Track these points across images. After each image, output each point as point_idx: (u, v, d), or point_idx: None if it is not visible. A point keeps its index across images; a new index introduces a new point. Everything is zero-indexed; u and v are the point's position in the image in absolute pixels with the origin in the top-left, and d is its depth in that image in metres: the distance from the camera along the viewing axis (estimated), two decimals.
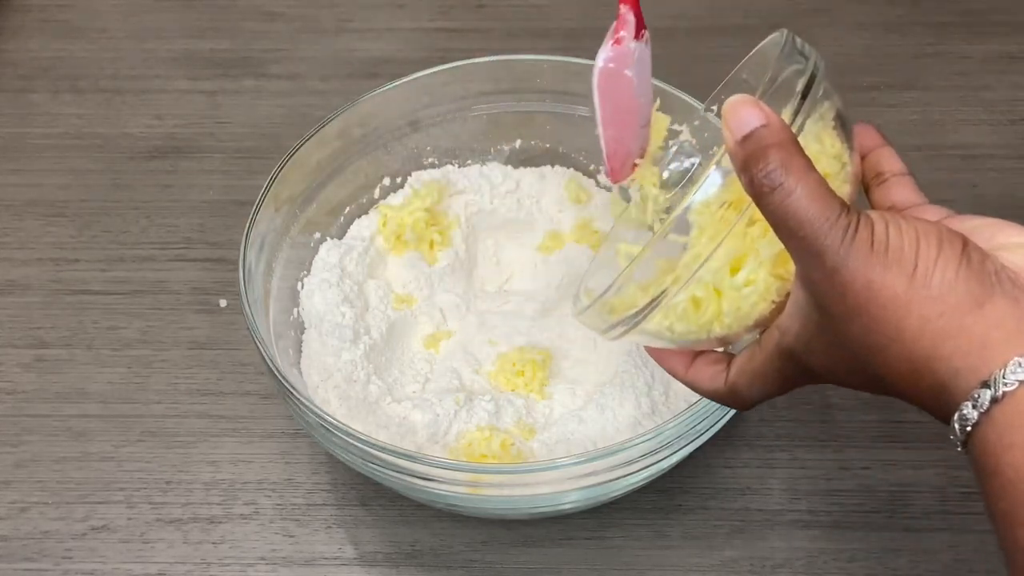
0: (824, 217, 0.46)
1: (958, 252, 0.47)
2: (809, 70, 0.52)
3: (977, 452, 0.46)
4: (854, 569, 0.73)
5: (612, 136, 0.66)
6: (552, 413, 0.76)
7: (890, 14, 1.05)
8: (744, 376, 0.55)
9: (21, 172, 0.97)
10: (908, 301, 0.46)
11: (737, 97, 0.48)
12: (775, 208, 0.47)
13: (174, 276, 0.89)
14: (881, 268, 0.46)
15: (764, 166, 0.47)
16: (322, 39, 1.06)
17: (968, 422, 0.46)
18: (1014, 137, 0.96)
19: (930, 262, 0.46)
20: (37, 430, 0.81)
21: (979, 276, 0.46)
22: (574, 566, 0.74)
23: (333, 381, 0.76)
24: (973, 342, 0.46)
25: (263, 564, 0.74)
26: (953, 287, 0.46)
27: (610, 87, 0.63)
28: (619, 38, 0.63)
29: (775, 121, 0.48)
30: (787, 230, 0.47)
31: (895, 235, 0.47)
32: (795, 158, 0.47)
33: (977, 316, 0.46)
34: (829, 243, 0.46)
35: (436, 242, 0.83)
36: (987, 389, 0.45)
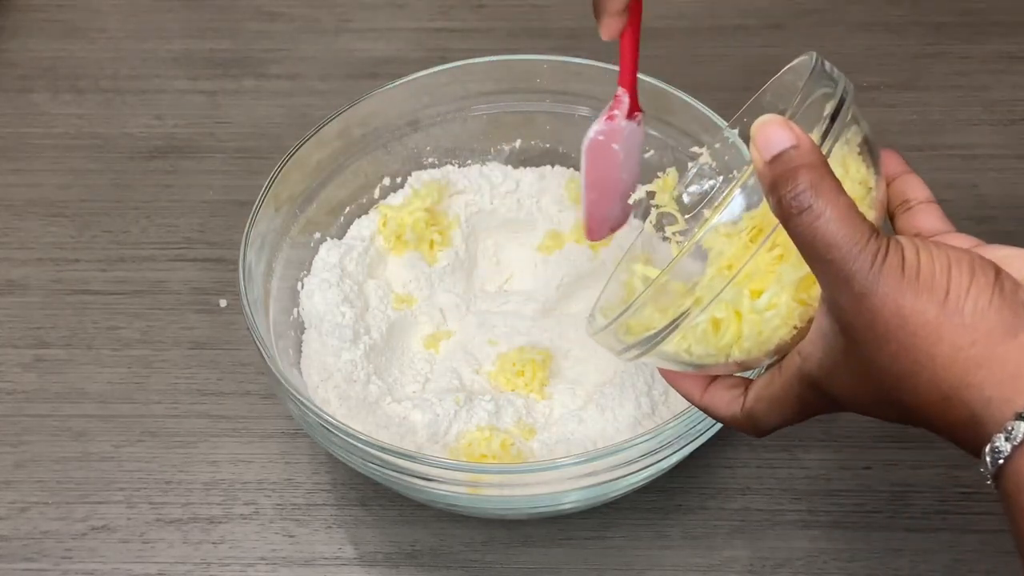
0: (854, 241, 0.46)
1: (991, 280, 0.46)
2: (838, 94, 0.51)
3: (1010, 486, 0.45)
4: (854, 569, 0.73)
5: (593, 200, 0.73)
6: (552, 413, 0.76)
7: (890, 14, 1.05)
8: (762, 402, 0.53)
9: (21, 172, 0.97)
10: (939, 328, 0.45)
11: (766, 117, 0.47)
12: (804, 230, 0.46)
13: (174, 276, 0.89)
14: (912, 294, 0.45)
15: (793, 187, 0.46)
16: (322, 39, 1.06)
17: (1001, 455, 0.44)
18: (1014, 137, 0.95)
19: (962, 289, 0.45)
20: (37, 430, 0.81)
21: (1012, 305, 0.45)
22: (574, 566, 0.74)
23: (333, 381, 0.76)
24: (1007, 371, 0.45)
25: (263, 564, 0.74)
26: (986, 315, 0.45)
27: (597, 157, 0.70)
28: (612, 115, 0.70)
29: (805, 142, 0.47)
30: (815, 253, 0.47)
31: (926, 261, 0.46)
32: (825, 180, 0.46)
33: (1011, 346, 0.45)
34: (858, 267, 0.46)
35: (436, 242, 0.83)
36: (1021, 421, 0.44)
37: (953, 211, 0.89)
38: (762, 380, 0.54)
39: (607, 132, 0.70)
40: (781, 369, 0.52)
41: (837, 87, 0.52)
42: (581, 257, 0.83)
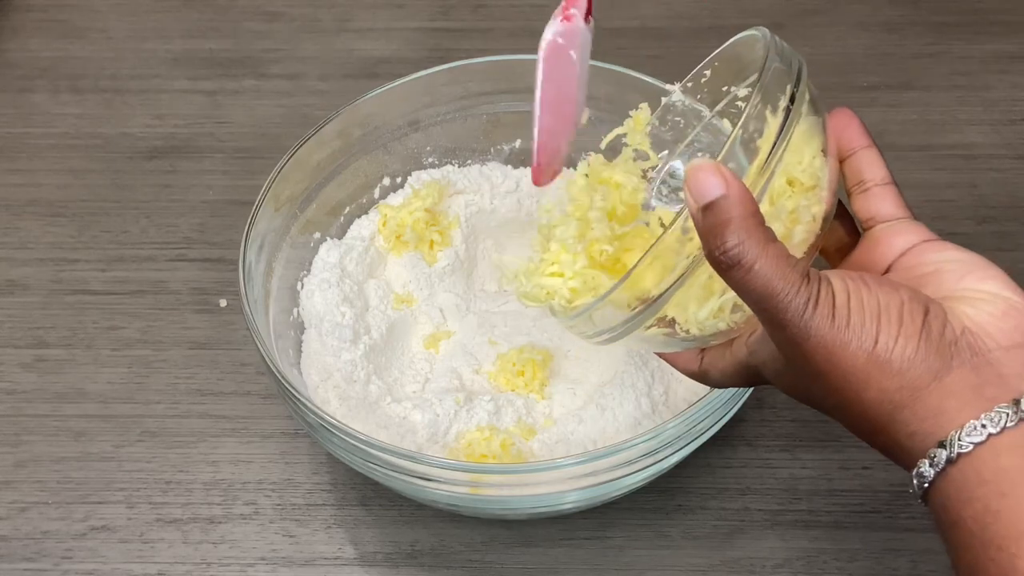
0: (784, 292, 0.47)
1: (919, 326, 0.47)
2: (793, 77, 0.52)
3: (937, 506, 0.47)
4: (854, 569, 0.73)
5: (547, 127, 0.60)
6: (552, 413, 0.76)
7: (890, 14, 1.06)
8: (714, 370, 0.57)
9: (21, 172, 0.97)
10: (867, 375, 0.47)
11: (699, 162, 0.48)
12: (735, 283, 0.48)
13: (174, 276, 0.89)
14: (842, 342, 0.47)
15: (723, 243, 0.47)
16: (322, 39, 1.06)
17: (926, 479, 0.47)
18: (1014, 137, 0.96)
19: (890, 338, 0.47)
20: (37, 430, 0.81)
21: (938, 349, 0.47)
22: (574, 566, 0.74)
23: (333, 381, 0.76)
24: (929, 409, 0.47)
25: (263, 564, 0.74)
26: (912, 363, 0.47)
27: (555, 67, 0.59)
28: (569, 15, 0.59)
29: (735, 191, 0.48)
30: (750, 301, 0.49)
31: (856, 308, 0.48)
32: (754, 232, 0.47)
33: (934, 388, 0.47)
34: (790, 316, 0.47)
35: (436, 242, 0.83)
36: (943, 450, 0.46)
37: (953, 211, 0.90)
38: (714, 353, 0.56)
39: (566, 34, 0.58)
40: (731, 351, 0.55)
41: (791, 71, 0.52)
42: None
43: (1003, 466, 0.45)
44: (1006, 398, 0.46)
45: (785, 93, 0.51)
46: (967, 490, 0.46)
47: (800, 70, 0.53)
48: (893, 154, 0.96)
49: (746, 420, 0.78)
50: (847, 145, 0.56)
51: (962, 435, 0.46)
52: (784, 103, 0.51)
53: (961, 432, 0.46)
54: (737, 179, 0.48)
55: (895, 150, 0.94)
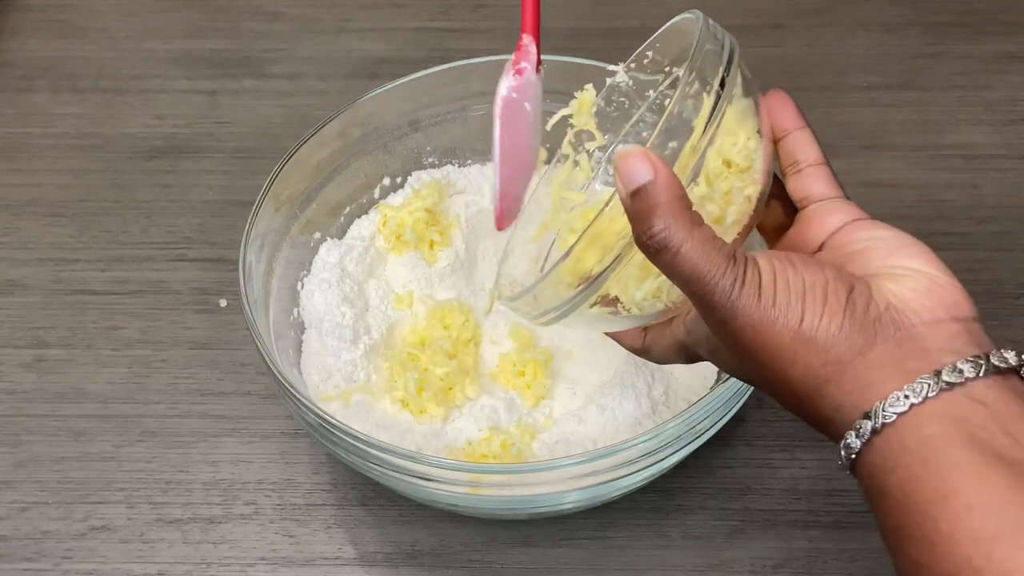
0: (711, 274, 0.49)
1: (842, 304, 0.49)
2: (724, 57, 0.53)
3: (863, 474, 0.49)
4: (854, 569, 0.73)
5: (506, 176, 0.64)
6: (552, 413, 0.76)
7: (890, 14, 1.06)
8: (657, 347, 0.59)
9: (21, 172, 0.97)
10: (793, 353, 0.49)
11: (628, 148, 0.50)
12: (663, 266, 0.50)
13: (174, 276, 0.89)
14: (768, 321, 0.49)
15: (650, 227, 0.49)
16: (322, 39, 1.06)
17: (852, 450, 0.48)
18: (1014, 137, 0.96)
19: (815, 316, 0.48)
20: (37, 430, 0.81)
21: (862, 325, 0.49)
22: (574, 566, 0.74)
23: (333, 381, 0.76)
24: (856, 383, 0.48)
25: (263, 564, 0.74)
26: (836, 340, 0.48)
27: (511, 120, 0.62)
28: (520, 68, 0.62)
29: (663, 176, 0.49)
30: (678, 283, 0.50)
31: (782, 287, 0.49)
32: (680, 216, 0.49)
33: (858, 363, 0.48)
34: (717, 297, 0.49)
35: (436, 242, 0.83)
36: (868, 420, 0.48)
37: (953, 211, 0.90)
38: (655, 331, 0.59)
39: (519, 88, 0.62)
40: (670, 330, 0.58)
41: (723, 52, 0.53)
42: None
43: (925, 434, 0.46)
44: (928, 369, 0.47)
45: (717, 75, 0.52)
46: (892, 459, 0.47)
47: (732, 52, 0.54)
48: (893, 154, 0.97)
49: (746, 420, 0.78)
50: (781, 126, 0.57)
51: (886, 406, 0.47)
52: (715, 85, 0.52)
53: (885, 403, 0.47)
54: (665, 165, 0.49)
55: (895, 150, 0.95)
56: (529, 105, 0.62)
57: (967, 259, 0.87)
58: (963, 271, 0.86)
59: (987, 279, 0.86)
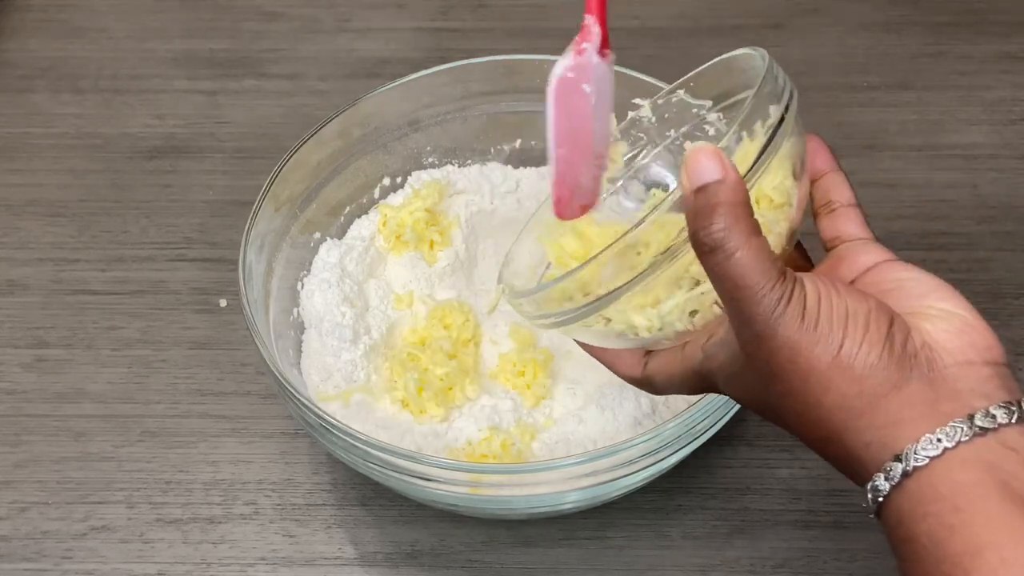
0: (760, 284, 0.48)
1: (883, 335, 0.48)
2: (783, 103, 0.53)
3: (892, 520, 0.48)
4: (854, 569, 0.73)
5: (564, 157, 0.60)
6: (552, 413, 0.76)
7: (890, 14, 1.05)
8: (661, 376, 0.57)
9: (21, 172, 0.97)
10: (829, 379, 0.48)
11: (701, 145, 0.49)
12: (713, 267, 0.49)
13: (174, 276, 0.89)
14: (808, 343, 0.48)
15: (709, 224, 0.48)
16: (322, 39, 1.06)
17: (880, 492, 0.47)
18: (1014, 137, 0.96)
19: (855, 344, 0.48)
20: (37, 430, 0.81)
21: (899, 359, 0.48)
22: (574, 566, 0.74)
23: (333, 381, 0.76)
24: (887, 419, 0.48)
25: (263, 564, 0.74)
26: (874, 371, 0.48)
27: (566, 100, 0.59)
28: (581, 49, 0.58)
29: (731, 178, 0.48)
30: (723, 289, 0.49)
31: (825, 310, 0.48)
32: (742, 221, 0.48)
33: (892, 398, 0.48)
34: (761, 311, 0.48)
35: (436, 242, 0.83)
36: (898, 463, 0.47)
37: (953, 211, 0.90)
38: (663, 358, 0.57)
39: (577, 69, 0.58)
40: (683, 356, 0.55)
41: (784, 96, 0.53)
42: None
43: (957, 480, 0.46)
44: (961, 413, 0.47)
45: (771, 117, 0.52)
46: (922, 506, 0.46)
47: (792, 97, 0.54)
48: (893, 154, 0.97)
49: (746, 420, 0.78)
50: (816, 168, 0.57)
51: (918, 448, 0.46)
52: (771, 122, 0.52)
53: (917, 446, 0.46)
54: (735, 169, 0.48)
55: (895, 150, 0.95)
56: (589, 87, 0.58)
57: (967, 259, 0.87)
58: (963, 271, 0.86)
59: (987, 279, 0.86)
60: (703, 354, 0.54)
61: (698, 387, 0.56)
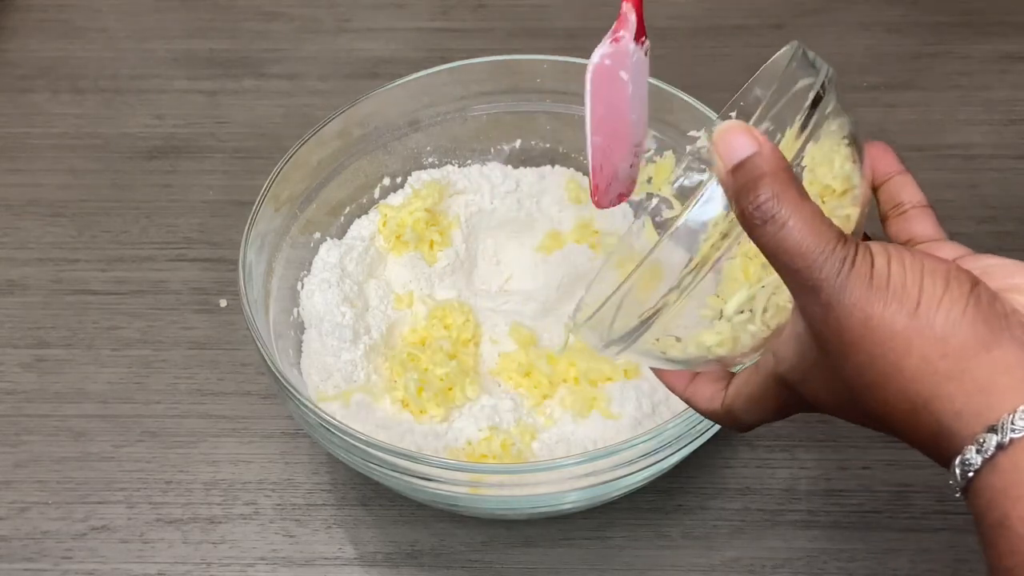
0: (819, 249, 0.45)
1: (966, 292, 0.44)
2: (819, 83, 0.50)
3: (981, 500, 0.44)
4: (854, 569, 0.73)
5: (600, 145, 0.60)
6: (552, 413, 0.76)
7: (890, 14, 1.06)
8: (740, 399, 0.53)
9: (21, 172, 0.97)
10: (908, 340, 0.44)
11: (728, 123, 0.46)
12: (768, 240, 0.45)
13: (174, 276, 0.89)
14: (880, 303, 0.44)
15: (755, 197, 0.45)
16: (322, 39, 1.06)
17: (971, 467, 0.43)
18: (1014, 137, 0.96)
19: (934, 300, 0.44)
20: (37, 430, 0.81)
21: (987, 318, 0.44)
22: (574, 566, 0.74)
23: (333, 381, 0.76)
24: (978, 385, 0.44)
25: (263, 564, 0.74)
26: (958, 327, 0.44)
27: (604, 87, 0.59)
28: (618, 37, 0.58)
29: (768, 148, 0.46)
30: (781, 263, 0.46)
31: (897, 269, 0.45)
32: (789, 188, 0.45)
33: (983, 359, 0.44)
34: (824, 276, 0.45)
35: (436, 242, 0.83)
36: (993, 434, 0.43)
37: (953, 211, 0.90)
38: (741, 377, 0.53)
39: (614, 56, 0.57)
40: (757, 369, 0.52)
41: (818, 76, 0.51)
42: (581, 257, 0.83)
43: None
44: None
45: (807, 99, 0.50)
46: (1018, 485, 0.42)
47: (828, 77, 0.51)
48: None
49: None
50: (882, 170, 0.54)
51: (1015, 419, 0.42)
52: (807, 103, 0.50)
53: (1015, 415, 0.42)
54: (767, 139, 0.46)
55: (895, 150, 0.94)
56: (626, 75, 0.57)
57: None
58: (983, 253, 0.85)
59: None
60: (774, 359, 0.50)
61: (779, 398, 0.51)
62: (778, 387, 0.51)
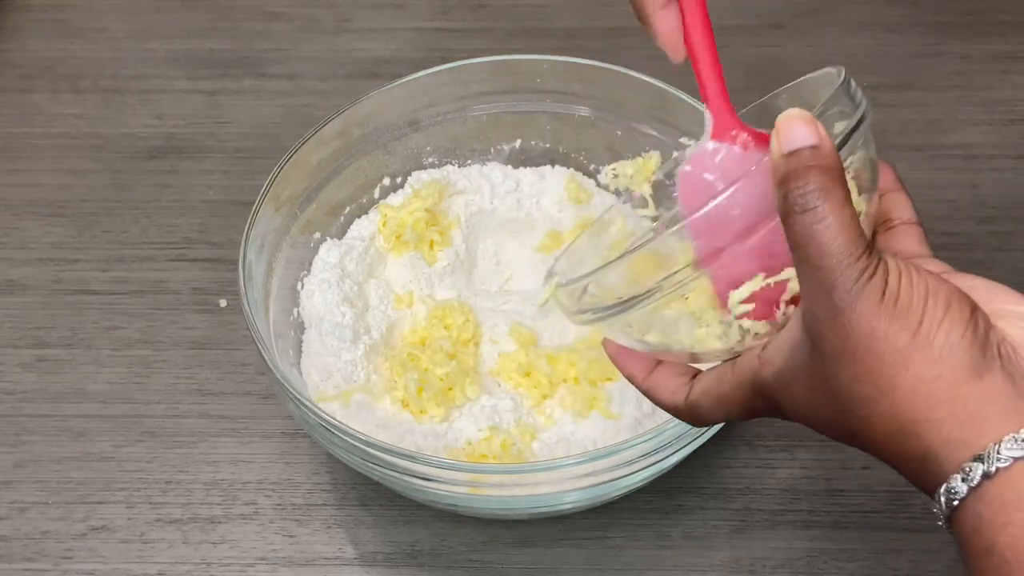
0: (847, 252, 0.45)
1: (967, 316, 0.45)
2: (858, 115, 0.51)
3: (967, 528, 0.44)
4: (854, 569, 0.73)
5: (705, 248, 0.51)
6: (552, 413, 0.76)
7: (890, 14, 1.05)
8: (708, 397, 0.53)
9: (21, 172, 0.97)
10: (907, 358, 0.45)
11: (796, 111, 0.47)
12: (802, 229, 0.46)
13: (174, 276, 0.89)
14: (887, 319, 0.45)
15: (804, 185, 0.45)
16: (322, 39, 1.06)
17: (956, 495, 0.44)
18: (1014, 137, 0.96)
19: (935, 321, 0.45)
20: (37, 430, 0.81)
21: (982, 345, 0.45)
22: (574, 566, 0.74)
23: (333, 381, 0.76)
24: (968, 412, 0.44)
25: (263, 564, 0.74)
26: (955, 351, 0.45)
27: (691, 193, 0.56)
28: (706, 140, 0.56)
29: (828, 145, 0.46)
30: (807, 255, 0.46)
31: (906, 287, 0.46)
32: (836, 186, 0.46)
33: (974, 386, 0.45)
34: (843, 280, 0.45)
35: (436, 242, 0.83)
36: (979, 463, 0.43)
37: (953, 211, 0.90)
38: (711, 376, 0.53)
39: (694, 160, 0.56)
40: (734, 370, 0.52)
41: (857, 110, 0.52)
42: None
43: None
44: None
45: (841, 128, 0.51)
46: (1005, 513, 0.43)
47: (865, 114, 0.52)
48: (893, 154, 0.97)
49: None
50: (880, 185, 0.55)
51: (1001, 448, 0.43)
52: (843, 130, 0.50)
53: (1000, 445, 0.43)
54: (829, 138, 0.47)
55: (895, 150, 0.95)
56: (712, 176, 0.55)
57: (967, 259, 0.87)
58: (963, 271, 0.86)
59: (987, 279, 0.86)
60: (759, 363, 0.50)
61: (749, 404, 0.51)
62: (754, 392, 0.51)
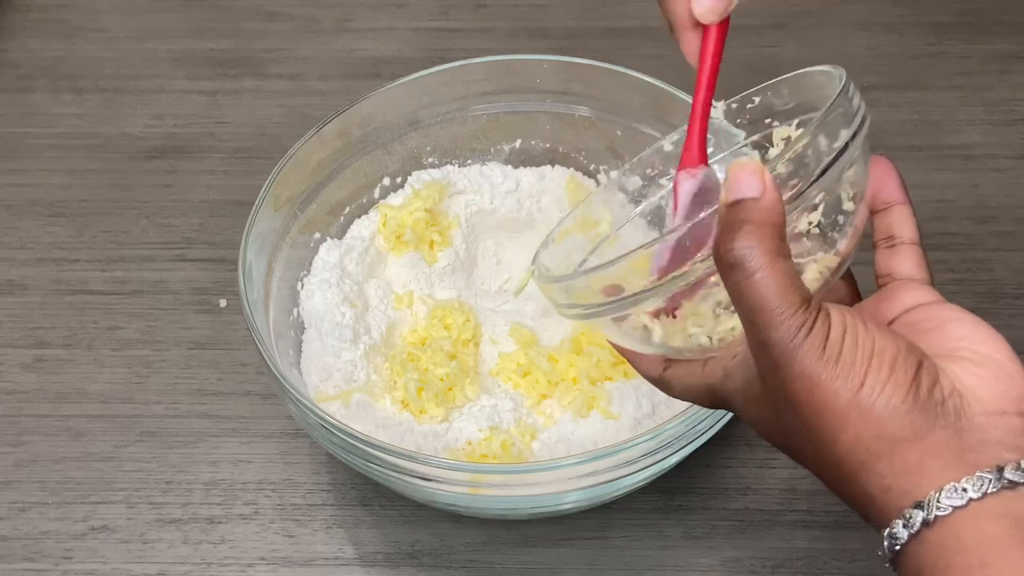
0: (779, 310, 0.45)
1: (910, 378, 0.46)
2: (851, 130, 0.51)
3: (910, 571, 0.45)
4: (854, 569, 0.73)
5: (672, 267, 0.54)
6: (552, 413, 0.76)
7: (890, 14, 1.06)
8: (677, 382, 0.54)
9: (21, 172, 0.97)
10: (847, 417, 0.45)
11: (745, 160, 0.47)
12: (732, 286, 0.46)
13: (174, 276, 0.89)
14: (827, 376, 0.45)
15: (732, 241, 0.46)
16: (322, 39, 1.06)
17: (898, 540, 0.45)
18: (1014, 137, 0.96)
19: (878, 384, 0.45)
20: (37, 430, 0.81)
21: (925, 407, 0.45)
22: (574, 566, 0.74)
23: (333, 381, 0.76)
24: (908, 465, 0.45)
25: (263, 564, 0.74)
26: (895, 415, 0.45)
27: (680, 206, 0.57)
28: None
29: (768, 198, 0.46)
30: (741, 310, 0.47)
31: (850, 345, 0.46)
32: (767, 241, 0.45)
33: (914, 444, 0.45)
34: (779, 337, 0.45)
35: (436, 242, 0.83)
36: (919, 511, 0.44)
37: (953, 211, 0.90)
38: (683, 367, 0.54)
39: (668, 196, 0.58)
40: (703, 371, 0.53)
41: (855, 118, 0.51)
42: None
43: (985, 533, 0.43)
44: (988, 464, 0.44)
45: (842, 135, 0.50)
46: (944, 557, 0.44)
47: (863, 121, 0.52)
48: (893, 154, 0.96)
49: None
50: (883, 198, 0.54)
51: (941, 497, 0.44)
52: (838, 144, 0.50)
53: (940, 494, 0.44)
54: (777, 190, 0.46)
55: (895, 150, 0.94)
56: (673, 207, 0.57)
57: (967, 259, 0.87)
58: (963, 271, 0.86)
59: (987, 279, 0.86)
60: (723, 373, 0.52)
61: (711, 403, 0.53)
62: (715, 396, 0.52)
